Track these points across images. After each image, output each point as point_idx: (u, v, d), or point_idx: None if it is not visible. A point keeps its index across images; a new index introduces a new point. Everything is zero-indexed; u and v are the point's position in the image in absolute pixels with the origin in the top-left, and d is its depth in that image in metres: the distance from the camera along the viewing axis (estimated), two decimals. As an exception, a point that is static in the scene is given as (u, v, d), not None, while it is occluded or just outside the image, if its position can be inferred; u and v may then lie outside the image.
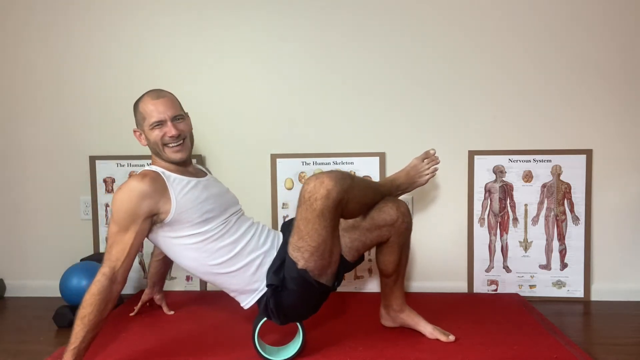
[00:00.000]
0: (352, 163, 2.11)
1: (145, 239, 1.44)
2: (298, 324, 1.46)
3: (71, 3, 2.13)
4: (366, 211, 1.48)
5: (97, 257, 2.00)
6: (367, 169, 2.10)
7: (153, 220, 1.40)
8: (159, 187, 1.40)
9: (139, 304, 1.85)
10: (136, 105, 1.52)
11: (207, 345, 1.56)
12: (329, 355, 1.47)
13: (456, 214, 2.10)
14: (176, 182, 1.45)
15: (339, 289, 2.10)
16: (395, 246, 1.54)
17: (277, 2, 2.08)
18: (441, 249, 2.11)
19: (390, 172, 2.09)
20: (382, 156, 2.10)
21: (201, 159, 2.14)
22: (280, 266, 1.44)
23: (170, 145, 1.48)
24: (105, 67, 2.14)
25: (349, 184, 1.34)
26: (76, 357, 1.29)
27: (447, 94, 2.07)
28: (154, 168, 1.48)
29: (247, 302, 1.49)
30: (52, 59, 2.16)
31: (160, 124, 1.47)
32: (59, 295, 1.87)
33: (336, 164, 2.11)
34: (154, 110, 1.47)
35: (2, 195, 2.23)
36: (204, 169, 1.68)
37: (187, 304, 1.95)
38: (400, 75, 2.08)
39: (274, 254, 1.49)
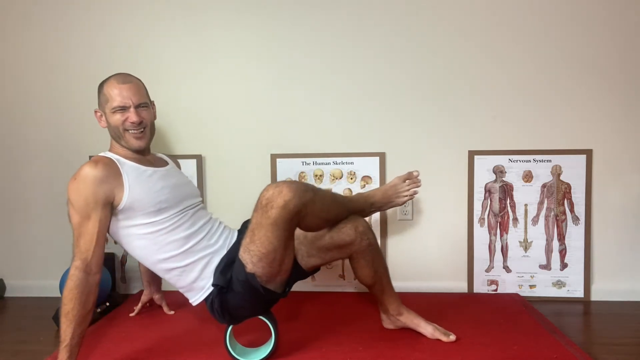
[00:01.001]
0: (352, 163, 2.11)
1: None
2: (271, 327, 1.44)
3: (71, 3, 2.13)
4: (330, 226, 1.46)
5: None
6: (367, 169, 2.10)
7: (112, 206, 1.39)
8: (112, 172, 1.38)
9: (139, 304, 1.85)
10: (101, 85, 1.50)
11: (207, 345, 1.56)
12: (329, 355, 1.47)
13: (456, 214, 2.10)
14: (131, 169, 1.43)
15: (340, 289, 2.12)
16: (362, 262, 1.53)
17: (278, 2, 2.08)
18: (441, 249, 2.11)
19: (390, 172, 2.10)
20: (382, 156, 2.10)
21: (201, 159, 2.14)
22: (228, 267, 1.43)
23: (131, 131, 1.47)
24: (105, 67, 2.14)
25: (309, 197, 1.31)
26: (70, 354, 1.29)
27: (447, 94, 2.07)
28: (107, 154, 1.46)
29: (194, 299, 1.49)
30: (52, 58, 2.16)
31: (122, 108, 1.46)
32: (59, 295, 1.87)
33: (336, 164, 2.11)
34: (118, 95, 1.45)
35: (2, 195, 2.23)
36: (165, 158, 1.66)
37: (187, 304, 1.93)
38: (400, 75, 2.08)
39: (223, 253, 1.48)
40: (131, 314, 1.83)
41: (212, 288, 1.44)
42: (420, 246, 2.11)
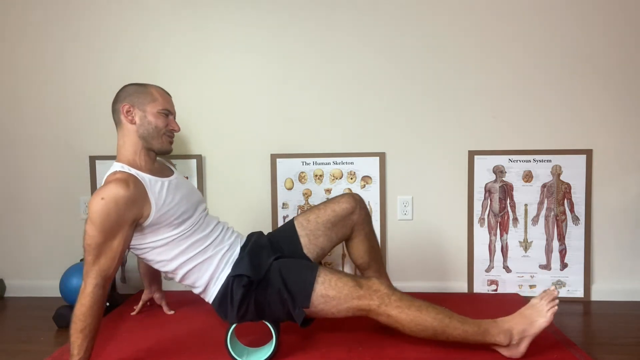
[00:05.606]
0: (352, 163, 2.11)
1: None
2: (272, 328, 1.44)
3: (71, 3, 2.13)
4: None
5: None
6: (367, 169, 2.10)
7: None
8: (141, 191, 1.38)
9: (140, 303, 1.85)
10: (144, 85, 1.50)
11: (208, 345, 1.56)
12: (329, 355, 1.47)
13: (456, 214, 2.10)
14: (151, 183, 1.43)
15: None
16: (361, 235, 1.64)
17: (278, 2, 2.08)
18: (441, 249, 2.11)
19: (390, 172, 2.10)
20: (382, 156, 2.10)
21: (201, 159, 2.14)
22: (256, 265, 1.46)
23: (168, 136, 1.52)
24: (105, 67, 2.14)
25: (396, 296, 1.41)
26: None
27: (447, 93, 2.07)
28: (127, 170, 1.42)
29: (210, 293, 1.49)
30: (52, 58, 2.16)
31: (168, 113, 1.52)
32: (59, 295, 1.87)
33: (336, 164, 2.11)
34: (166, 101, 1.51)
35: (2, 195, 2.23)
36: (168, 165, 1.66)
37: (187, 304, 1.95)
38: (401, 75, 2.08)
39: (236, 248, 1.53)
40: (132, 313, 1.83)
41: (224, 280, 1.46)
42: (420, 246, 2.11)
